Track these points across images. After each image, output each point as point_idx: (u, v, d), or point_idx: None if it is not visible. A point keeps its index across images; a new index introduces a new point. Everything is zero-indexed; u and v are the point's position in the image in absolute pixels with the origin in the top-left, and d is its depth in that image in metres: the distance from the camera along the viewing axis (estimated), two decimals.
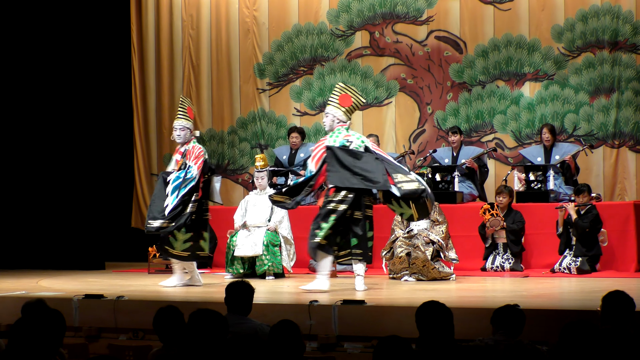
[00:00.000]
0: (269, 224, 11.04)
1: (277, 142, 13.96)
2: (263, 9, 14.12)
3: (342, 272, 11.13)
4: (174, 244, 9.76)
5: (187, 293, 9.40)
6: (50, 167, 13.25)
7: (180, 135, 9.93)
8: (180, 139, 9.94)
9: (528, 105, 13.00)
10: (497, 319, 5.45)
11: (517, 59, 13.03)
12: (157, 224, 9.65)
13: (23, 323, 4.22)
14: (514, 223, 11.11)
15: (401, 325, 6.87)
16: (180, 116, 10.01)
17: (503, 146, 13.09)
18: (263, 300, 8.22)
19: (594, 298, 7.00)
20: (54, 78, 13.38)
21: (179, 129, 9.94)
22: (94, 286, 9.97)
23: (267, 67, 14.10)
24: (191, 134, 10.01)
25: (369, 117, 13.58)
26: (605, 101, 12.69)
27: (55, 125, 13.32)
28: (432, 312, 4.87)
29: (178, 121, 10.00)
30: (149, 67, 14.50)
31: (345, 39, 13.81)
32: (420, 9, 13.44)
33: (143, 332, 7.84)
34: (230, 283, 6.00)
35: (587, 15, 12.74)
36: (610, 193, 12.56)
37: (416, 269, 10.14)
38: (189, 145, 9.93)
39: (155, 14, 14.49)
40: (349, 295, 8.24)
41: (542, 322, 6.79)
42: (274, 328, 4.87)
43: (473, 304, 8.06)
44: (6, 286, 10.04)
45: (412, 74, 13.53)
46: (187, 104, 10.15)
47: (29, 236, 13.21)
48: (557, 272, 10.76)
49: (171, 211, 9.63)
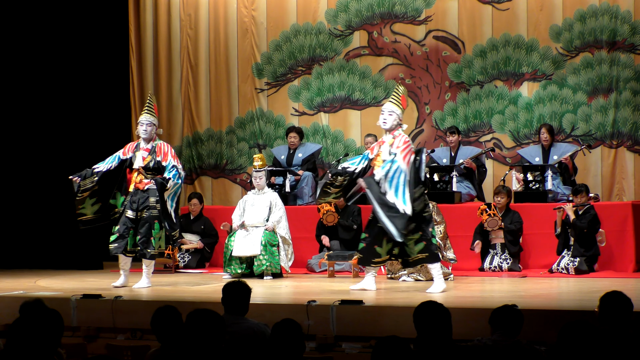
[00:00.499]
0: (267, 223, 11.03)
1: (275, 142, 13.96)
2: (261, 8, 14.12)
3: (340, 272, 11.13)
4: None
5: (185, 293, 9.41)
6: (48, 167, 13.23)
7: (147, 130, 9.88)
8: (146, 134, 9.88)
9: (526, 105, 13.01)
10: (495, 319, 5.45)
11: (515, 59, 13.04)
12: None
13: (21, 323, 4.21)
14: (511, 223, 11.11)
15: (399, 326, 6.89)
16: (147, 112, 9.97)
17: (501, 146, 13.09)
18: (261, 300, 8.23)
19: (592, 298, 6.99)
20: (53, 79, 13.36)
21: (146, 124, 9.88)
22: (92, 286, 9.96)
23: (266, 66, 14.10)
24: (156, 131, 9.99)
25: (367, 117, 13.57)
26: (604, 101, 12.70)
27: (54, 125, 13.30)
28: (430, 312, 4.88)
29: (145, 116, 9.93)
30: (147, 67, 14.50)
31: (343, 38, 13.81)
32: (419, 9, 13.44)
33: (141, 332, 7.85)
34: (227, 283, 5.99)
35: (585, 15, 12.74)
36: (608, 193, 12.56)
37: (414, 269, 10.13)
38: (156, 142, 9.90)
39: (154, 13, 14.49)
40: (347, 295, 8.24)
41: (540, 323, 6.80)
42: (276, 326, 4.87)
43: (471, 304, 8.06)
44: (4, 286, 10.04)
45: (410, 74, 13.53)
46: (154, 102, 10.14)
47: (27, 236, 13.20)
48: (555, 272, 10.76)
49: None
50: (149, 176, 9.78)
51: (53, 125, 13.32)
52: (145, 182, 9.76)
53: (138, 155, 9.87)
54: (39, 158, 13.31)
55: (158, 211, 9.69)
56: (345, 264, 11.17)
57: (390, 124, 9.11)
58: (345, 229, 11.63)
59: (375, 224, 8.96)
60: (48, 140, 13.32)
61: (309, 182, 12.76)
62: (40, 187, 13.27)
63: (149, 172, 9.79)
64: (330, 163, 13.57)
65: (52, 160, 13.22)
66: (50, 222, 13.13)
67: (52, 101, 13.38)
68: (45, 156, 13.29)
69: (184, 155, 14.35)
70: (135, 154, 9.89)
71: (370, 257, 9.05)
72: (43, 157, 13.30)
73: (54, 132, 13.30)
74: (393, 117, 9.09)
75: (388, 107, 9.16)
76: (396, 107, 9.11)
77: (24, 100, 13.41)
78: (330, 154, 13.75)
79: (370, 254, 9.04)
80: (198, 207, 12.44)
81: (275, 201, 11.18)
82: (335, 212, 11.56)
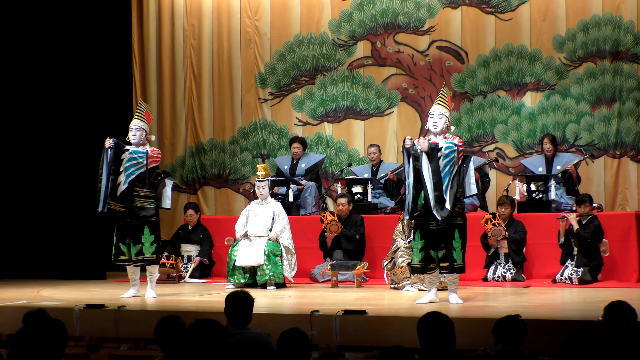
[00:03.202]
0: (271, 233, 11.03)
1: (278, 152, 13.96)
2: (265, 19, 14.15)
3: (343, 282, 11.12)
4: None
5: (189, 303, 9.40)
6: (52, 177, 13.25)
7: (136, 135, 9.88)
8: (135, 139, 9.87)
9: (529, 115, 13.01)
10: (498, 330, 5.44)
11: (518, 69, 13.04)
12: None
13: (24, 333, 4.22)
14: (515, 233, 11.10)
15: (402, 336, 6.87)
16: (137, 117, 9.97)
17: (504, 156, 13.09)
18: (264, 310, 8.22)
19: (595, 308, 6.99)
20: (57, 88, 13.38)
21: (135, 129, 9.88)
22: (95, 296, 9.96)
23: (269, 76, 14.12)
24: (146, 136, 9.98)
25: (370, 127, 13.59)
26: (607, 111, 12.70)
27: (58, 135, 13.32)
28: (433, 322, 4.87)
29: (134, 121, 9.92)
30: (150, 77, 14.52)
31: (347, 49, 13.82)
32: (422, 19, 13.45)
33: (144, 342, 7.84)
34: (229, 293, 5.99)
35: (588, 25, 12.75)
36: (611, 203, 12.55)
37: (417, 278, 10.11)
38: (146, 147, 9.90)
39: (157, 23, 14.52)
40: (350, 305, 8.22)
41: (544, 333, 6.78)
42: (283, 335, 4.88)
43: (474, 314, 8.04)
44: (7, 296, 10.03)
45: (413, 84, 13.54)
46: (144, 108, 10.13)
47: (30, 246, 13.20)
48: (559, 282, 10.75)
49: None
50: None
51: (57, 136, 13.33)
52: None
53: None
54: (43, 168, 13.33)
55: (146, 215, 9.67)
56: (348, 274, 11.16)
57: (440, 127, 8.89)
58: (348, 239, 11.61)
59: (427, 229, 8.79)
60: (52, 150, 13.33)
61: (312, 192, 12.76)
62: (44, 197, 13.28)
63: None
64: (334, 173, 13.59)
65: (56, 170, 13.23)
66: (54, 232, 13.13)
67: (57, 111, 13.39)
68: (49, 166, 13.30)
69: (187, 165, 14.36)
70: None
71: (427, 264, 8.85)
72: (47, 167, 13.31)
73: (59, 143, 13.31)
74: (443, 119, 8.90)
75: (437, 110, 8.93)
76: (445, 109, 8.94)
77: (29, 112, 13.43)
78: (334, 163, 13.75)
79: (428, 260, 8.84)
80: (195, 217, 12.44)
81: (279, 211, 11.18)
82: (338, 222, 11.55)
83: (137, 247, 9.71)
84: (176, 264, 11.96)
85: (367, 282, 11.23)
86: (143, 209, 9.68)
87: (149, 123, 10.03)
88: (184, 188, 14.42)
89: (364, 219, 11.75)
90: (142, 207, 9.68)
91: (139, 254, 9.71)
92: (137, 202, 9.65)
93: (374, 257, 11.62)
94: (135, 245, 9.71)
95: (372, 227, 11.80)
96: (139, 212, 9.65)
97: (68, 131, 13.35)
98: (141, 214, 9.66)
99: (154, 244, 9.73)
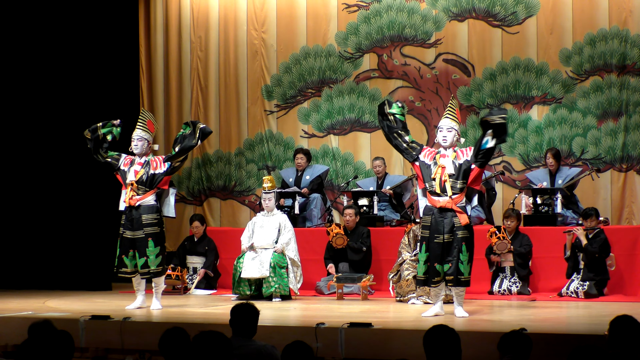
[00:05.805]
0: (276, 245, 11.02)
1: (284, 164, 13.97)
2: (271, 31, 14.18)
3: (349, 295, 11.11)
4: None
5: (194, 314, 9.39)
6: (58, 188, 13.25)
7: (138, 145, 9.90)
8: (137, 149, 9.89)
9: (536, 128, 13.01)
10: (503, 344, 5.42)
11: (525, 82, 13.05)
12: None
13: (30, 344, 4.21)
14: (521, 246, 11.08)
15: (408, 349, 6.87)
16: (139, 127, 9.98)
17: (511, 169, 13.08)
18: (270, 323, 8.22)
19: (601, 322, 6.97)
20: (65, 99, 13.39)
21: (137, 139, 9.90)
22: (101, 307, 9.95)
23: (275, 88, 14.14)
24: (149, 146, 9.99)
25: (376, 140, 13.59)
26: (613, 125, 12.69)
27: (64, 146, 13.32)
28: (439, 336, 4.86)
29: (137, 132, 9.94)
30: (157, 88, 14.55)
31: (353, 61, 13.85)
32: (429, 32, 13.47)
33: (150, 353, 7.84)
34: (235, 305, 5.98)
35: (595, 39, 12.76)
36: (617, 217, 12.54)
37: (423, 291, 10.09)
38: (149, 156, 9.92)
39: (164, 35, 14.56)
40: (356, 318, 8.21)
41: (550, 347, 6.77)
42: (287, 349, 4.87)
43: (480, 327, 8.03)
44: (13, 306, 10.03)
45: (420, 97, 13.55)
46: (147, 117, 10.12)
47: (35, 256, 13.20)
48: (565, 296, 10.73)
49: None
50: (141, 192, 9.77)
51: (64, 146, 13.33)
52: (137, 199, 9.74)
53: (131, 170, 9.87)
54: (50, 180, 13.33)
55: (152, 229, 9.68)
56: (354, 287, 11.15)
57: (450, 141, 8.91)
58: (354, 251, 11.61)
59: (432, 242, 8.78)
60: (59, 161, 13.33)
61: (318, 204, 12.76)
62: (50, 208, 13.29)
63: (141, 186, 9.78)
64: (340, 185, 13.59)
65: (62, 180, 13.24)
66: (59, 243, 13.13)
67: (65, 123, 13.39)
68: (55, 177, 13.31)
69: (193, 177, 14.38)
70: (130, 169, 9.87)
71: (431, 277, 8.83)
72: (53, 177, 13.31)
73: (65, 152, 13.31)
74: (452, 133, 8.91)
75: (447, 124, 8.93)
76: (455, 122, 8.94)
77: (37, 124, 13.43)
78: (340, 176, 13.76)
79: (432, 273, 8.81)
80: (201, 229, 12.43)
81: (285, 223, 11.17)
82: (344, 235, 11.55)
83: (142, 260, 9.70)
84: (182, 275, 11.95)
85: (372, 295, 11.22)
86: (147, 222, 9.71)
87: (152, 132, 10.02)
88: (190, 199, 14.43)
89: (370, 231, 11.75)
90: (147, 220, 9.71)
91: (144, 266, 9.71)
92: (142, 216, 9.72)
93: (379, 269, 11.61)
94: (140, 258, 9.71)
95: (378, 239, 11.80)
96: (143, 226, 9.68)
97: (75, 142, 13.35)
98: (145, 227, 9.68)
99: (159, 256, 9.73)
